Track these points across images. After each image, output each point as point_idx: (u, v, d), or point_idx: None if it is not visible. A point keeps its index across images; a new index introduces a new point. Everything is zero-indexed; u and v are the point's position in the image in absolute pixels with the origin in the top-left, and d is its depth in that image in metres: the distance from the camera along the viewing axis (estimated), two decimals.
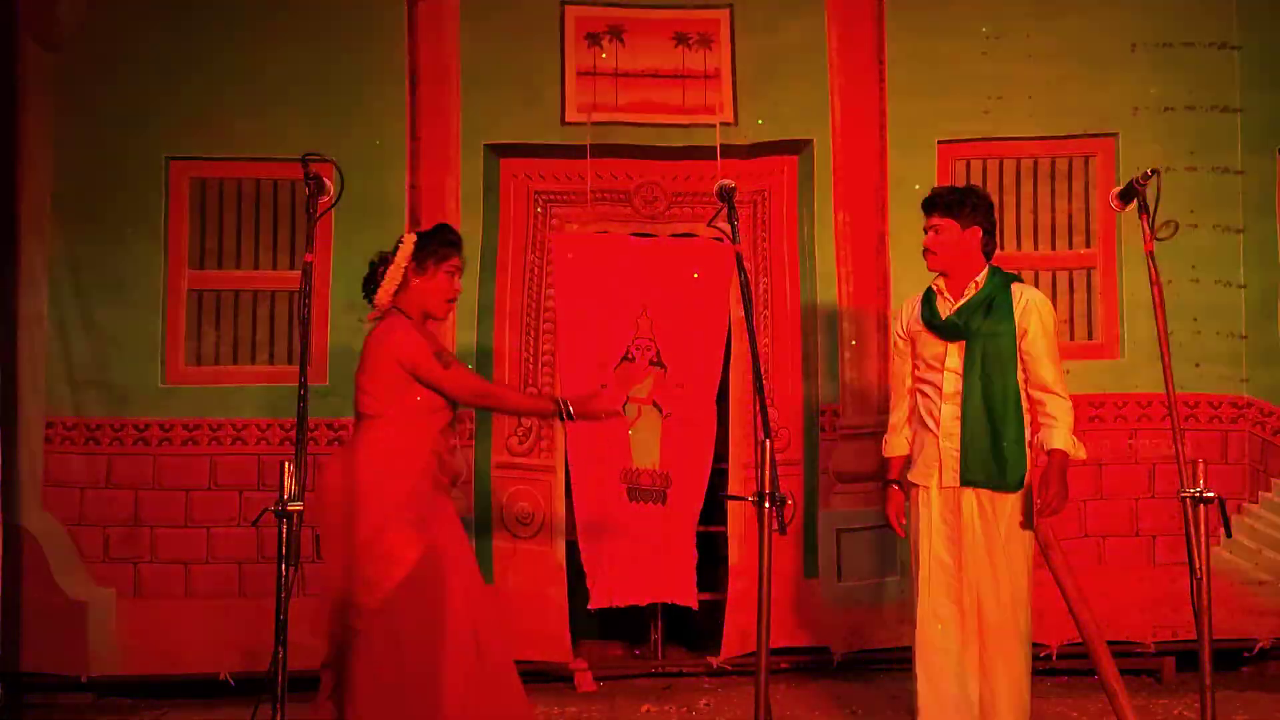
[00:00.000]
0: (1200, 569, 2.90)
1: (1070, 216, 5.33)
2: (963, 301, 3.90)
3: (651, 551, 5.21)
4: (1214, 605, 3.06)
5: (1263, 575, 5.17)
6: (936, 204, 3.94)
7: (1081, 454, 3.89)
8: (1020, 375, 3.87)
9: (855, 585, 5.21)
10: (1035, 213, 5.33)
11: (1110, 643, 4.06)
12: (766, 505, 2.93)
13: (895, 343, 4.15)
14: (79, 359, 5.08)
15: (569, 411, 3.72)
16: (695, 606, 5.25)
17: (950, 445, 3.88)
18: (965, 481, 3.85)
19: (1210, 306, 5.23)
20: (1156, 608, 5.13)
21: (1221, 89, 5.29)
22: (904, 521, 4.04)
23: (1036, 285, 5.26)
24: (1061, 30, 5.32)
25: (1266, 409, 5.22)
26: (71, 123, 5.13)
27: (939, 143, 5.31)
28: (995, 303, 3.88)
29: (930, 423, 3.94)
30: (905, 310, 4.10)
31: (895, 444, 4.11)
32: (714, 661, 5.19)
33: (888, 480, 4.11)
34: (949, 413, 3.89)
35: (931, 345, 3.96)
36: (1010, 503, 3.84)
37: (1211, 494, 2.92)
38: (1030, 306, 3.89)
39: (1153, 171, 3.16)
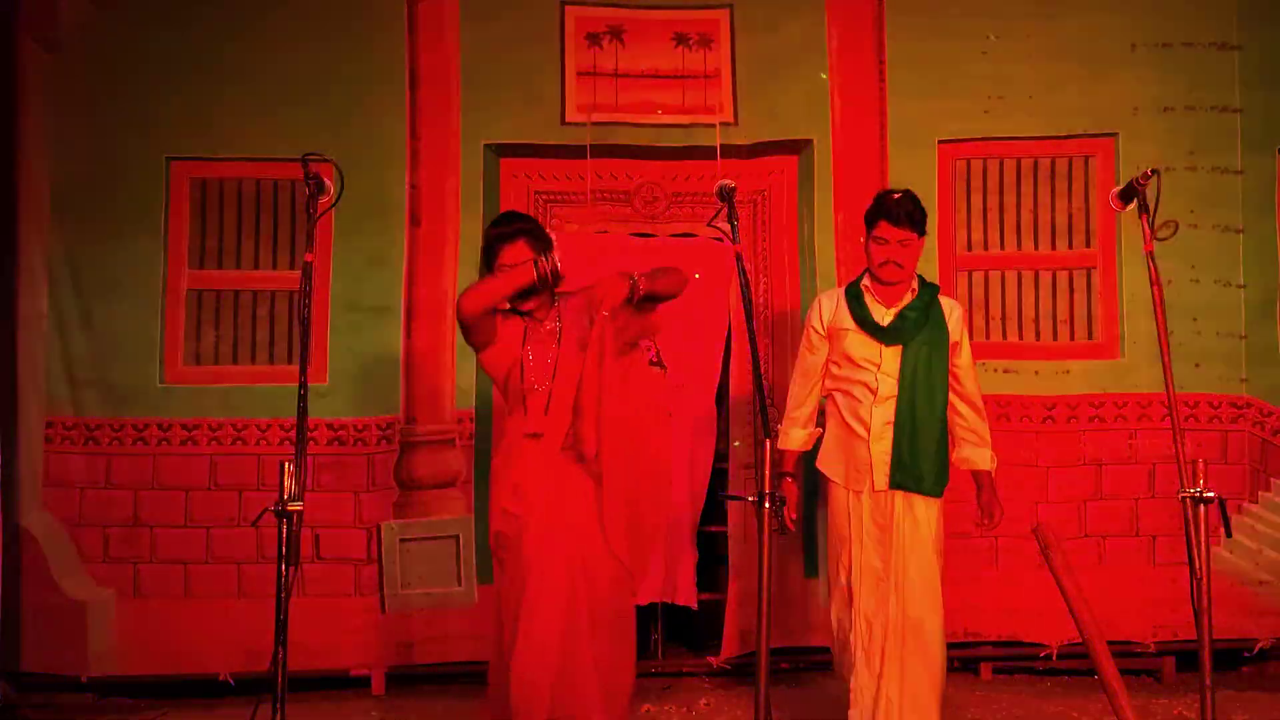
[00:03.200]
0: (1200, 569, 2.90)
1: (1070, 216, 5.33)
2: (903, 306, 3.93)
3: None
4: (1214, 605, 3.06)
5: (1263, 575, 5.17)
6: (908, 219, 3.88)
7: (994, 466, 4.01)
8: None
9: None
10: (1035, 213, 5.33)
11: (1110, 643, 4.05)
12: (766, 505, 2.93)
13: (810, 337, 4.10)
14: (79, 358, 5.08)
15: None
16: (695, 606, 5.25)
17: (882, 449, 3.92)
18: (895, 485, 3.90)
19: (1210, 306, 5.23)
20: (1156, 608, 5.13)
21: (1221, 89, 5.29)
22: (795, 517, 4.06)
23: (1037, 285, 5.29)
24: (1061, 30, 5.32)
25: (1266, 409, 5.22)
26: (71, 123, 5.13)
27: (939, 143, 5.31)
28: (931, 313, 3.93)
29: (857, 426, 3.96)
30: (825, 306, 4.08)
31: (796, 437, 4.10)
32: (714, 661, 5.19)
33: (783, 473, 4.06)
34: (881, 416, 3.93)
35: (863, 346, 3.97)
36: (935, 507, 3.93)
37: (1211, 494, 2.93)
38: (960, 318, 4.04)
39: (1153, 171, 3.16)
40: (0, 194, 5.07)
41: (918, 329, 3.92)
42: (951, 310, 4.02)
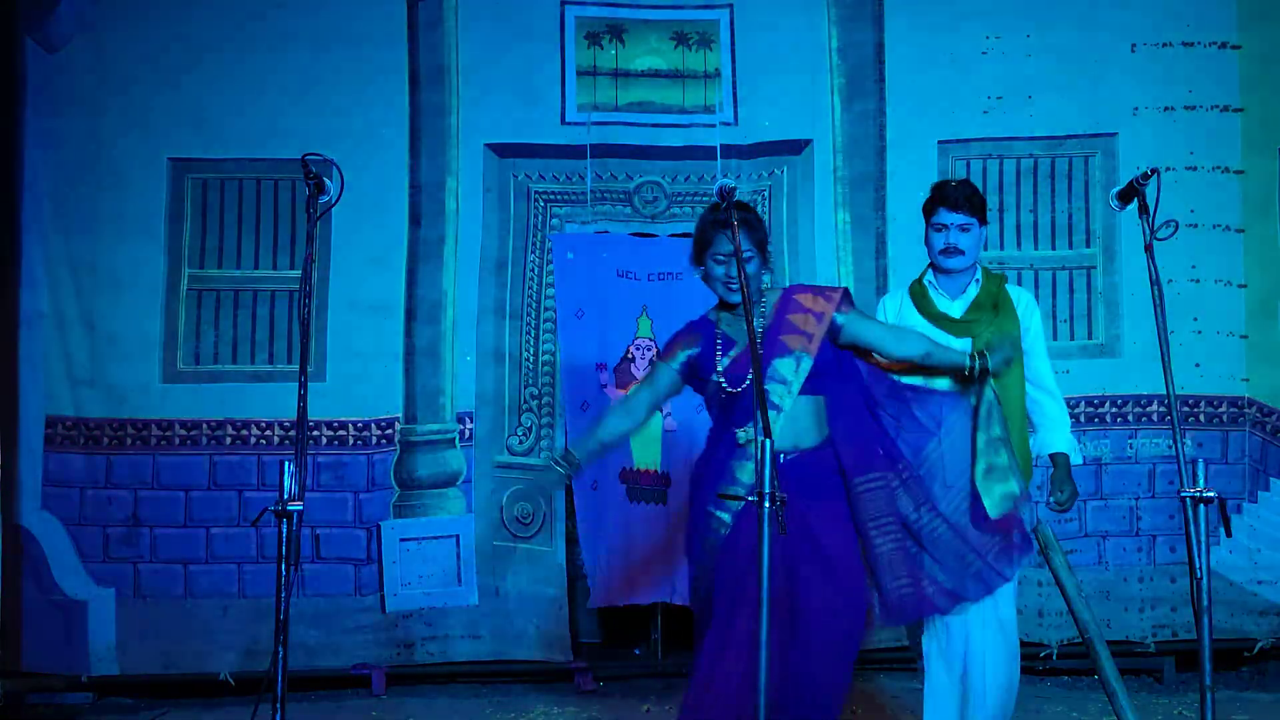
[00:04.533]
0: (1200, 569, 2.89)
1: (1070, 216, 5.33)
2: (972, 298, 3.87)
3: (651, 551, 5.21)
4: (1214, 605, 3.06)
5: (1263, 575, 5.17)
6: (966, 204, 3.79)
7: (1078, 458, 3.92)
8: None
9: None
10: (1035, 212, 5.33)
11: (1110, 643, 4.05)
12: (766, 505, 2.93)
13: None
14: (79, 358, 5.08)
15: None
16: None
17: None
18: None
19: (1210, 306, 5.22)
20: (1156, 608, 5.13)
21: (1221, 89, 5.28)
22: None
23: (1037, 285, 5.28)
24: (1061, 30, 5.31)
25: (1266, 409, 5.22)
26: (71, 123, 5.13)
27: (939, 142, 5.30)
28: (1001, 303, 3.87)
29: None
30: (889, 307, 4.00)
31: None
32: None
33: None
34: None
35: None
36: None
37: (1212, 494, 2.92)
38: (1029, 304, 3.93)
39: (1153, 171, 3.16)
40: (0, 194, 5.07)
41: (989, 318, 3.83)
42: (1019, 297, 3.92)
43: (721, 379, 3.38)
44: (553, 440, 5.21)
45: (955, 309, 3.88)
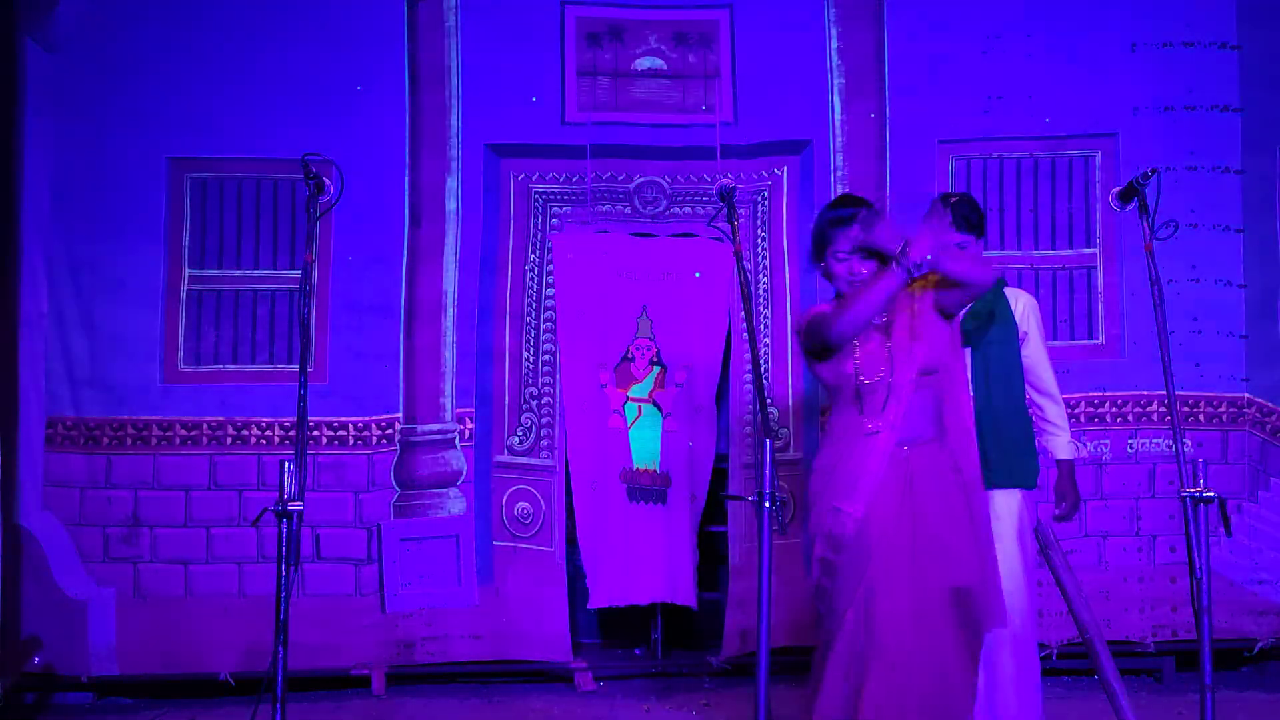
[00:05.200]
0: (1200, 569, 2.90)
1: (1070, 216, 5.33)
2: (967, 310, 3.88)
3: (651, 551, 5.21)
4: (1214, 605, 3.06)
5: (1262, 575, 5.17)
6: (964, 222, 3.76)
7: (1082, 452, 3.92)
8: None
9: None
10: (1035, 212, 5.33)
11: (1110, 643, 4.06)
12: (766, 505, 2.93)
13: None
14: (79, 358, 5.08)
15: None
16: (695, 606, 5.25)
17: None
18: (989, 485, 3.84)
19: (1210, 306, 5.22)
20: (1156, 608, 5.13)
21: (1221, 89, 5.28)
22: None
23: (1037, 285, 5.28)
24: (1061, 30, 5.31)
25: (1266, 409, 5.22)
26: (71, 123, 5.13)
27: (939, 142, 5.31)
28: (997, 310, 3.88)
29: None
30: None
31: None
32: (714, 661, 5.19)
33: None
34: None
35: None
36: (1015, 497, 3.84)
37: (1211, 494, 2.93)
38: (1027, 309, 3.94)
39: (1153, 171, 3.16)
40: (0, 194, 5.07)
41: (986, 329, 3.83)
42: (1016, 300, 3.93)
43: (858, 369, 3.35)
44: (552, 440, 5.22)
45: None
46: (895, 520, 3.25)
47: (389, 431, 5.18)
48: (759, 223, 5.33)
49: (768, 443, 2.97)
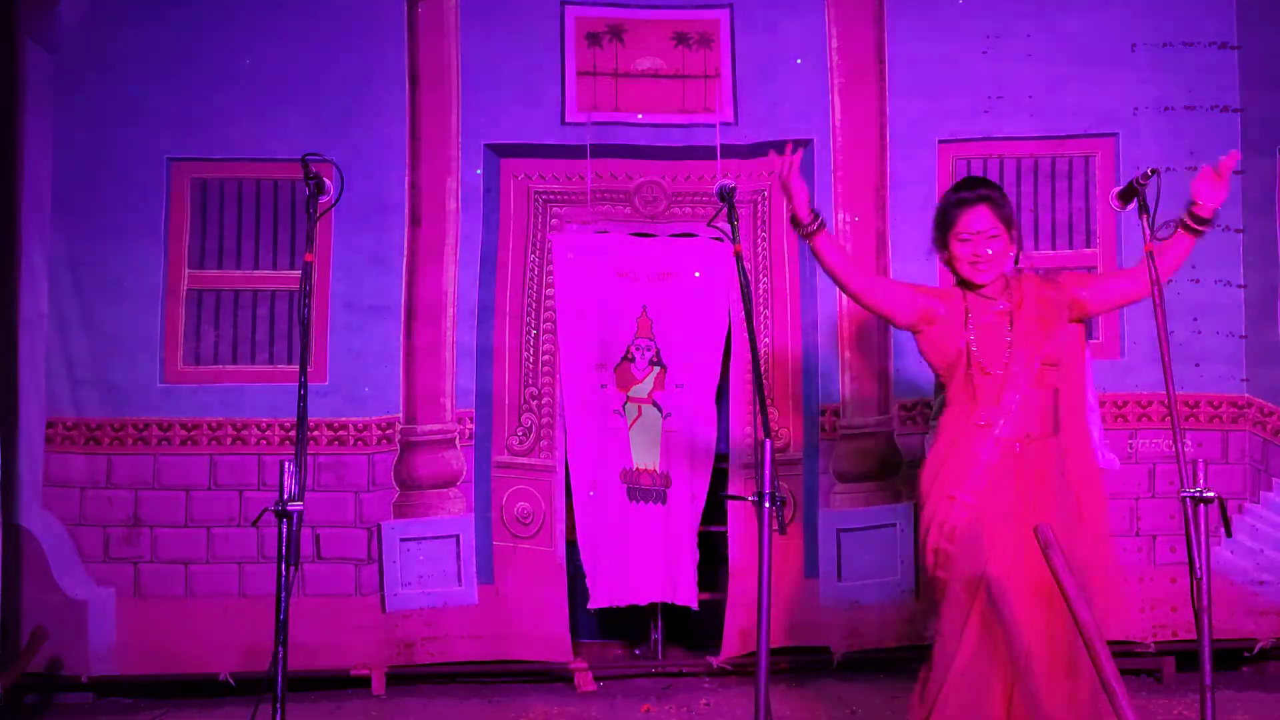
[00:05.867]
0: (1200, 569, 2.90)
1: (1070, 216, 5.33)
2: None
3: (651, 551, 5.21)
4: (1214, 605, 3.06)
5: (1263, 575, 5.17)
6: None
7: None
8: None
9: (855, 585, 5.21)
10: (1035, 213, 5.33)
11: (1110, 643, 4.05)
12: (766, 505, 2.93)
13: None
14: (79, 358, 5.09)
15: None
16: (695, 606, 5.25)
17: None
18: None
19: (1210, 306, 5.22)
20: (1156, 608, 5.13)
21: (1221, 89, 5.28)
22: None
23: None
24: (1061, 30, 5.31)
25: (1266, 409, 5.22)
26: (71, 123, 5.13)
27: (939, 142, 5.30)
28: None
29: None
30: None
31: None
32: (714, 661, 5.19)
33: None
34: None
35: None
36: None
37: (1211, 494, 2.92)
38: None
39: (1153, 171, 3.16)
40: (0, 194, 5.07)
41: None
42: None
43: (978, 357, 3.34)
44: (552, 440, 5.22)
45: None
46: (1009, 519, 3.28)
47: (389, 431, 5.18)
48: (759, 223, 5.33)
49: (768, 443, 2.97)
